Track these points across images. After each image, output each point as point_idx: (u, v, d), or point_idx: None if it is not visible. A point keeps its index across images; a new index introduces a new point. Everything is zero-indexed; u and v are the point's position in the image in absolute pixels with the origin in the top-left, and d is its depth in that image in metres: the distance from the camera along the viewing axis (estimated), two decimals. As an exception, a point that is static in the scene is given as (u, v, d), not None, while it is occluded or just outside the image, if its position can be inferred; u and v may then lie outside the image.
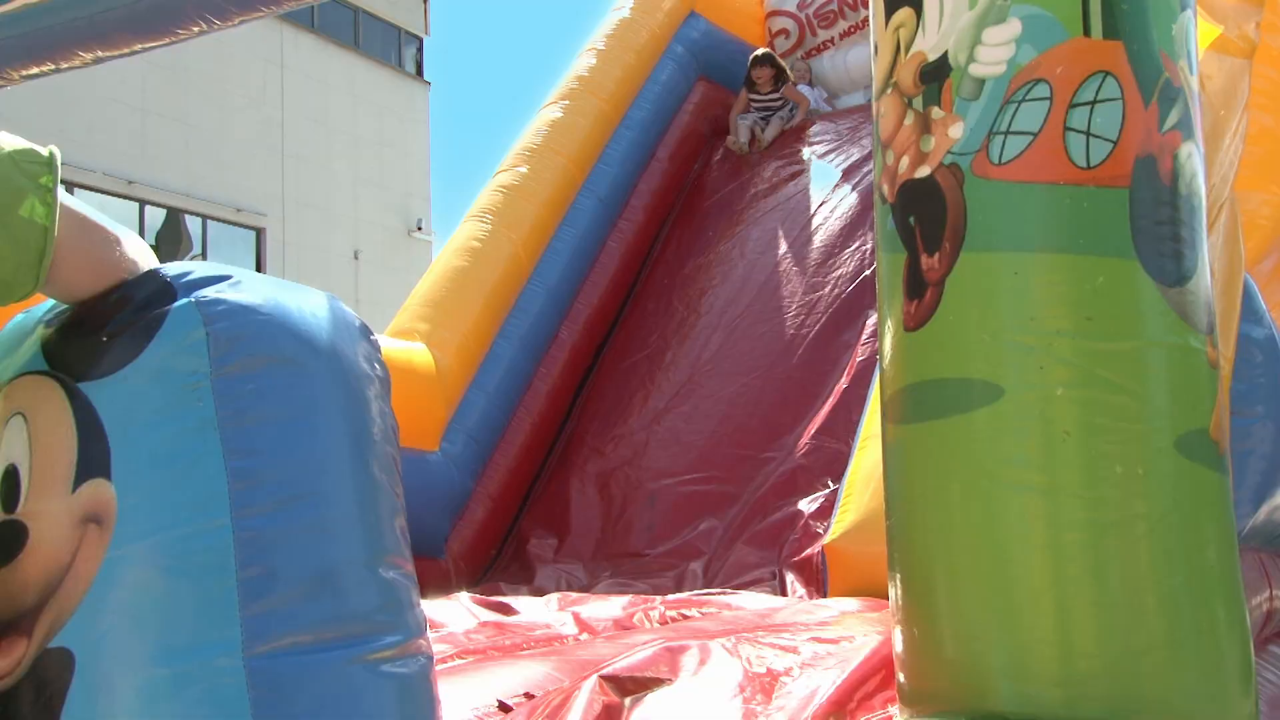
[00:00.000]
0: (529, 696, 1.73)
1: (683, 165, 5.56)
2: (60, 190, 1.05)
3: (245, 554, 1.03)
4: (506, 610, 2.69)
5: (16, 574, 1.04)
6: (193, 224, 14.34)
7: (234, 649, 1.02)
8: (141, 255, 1.14)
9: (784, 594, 3.31)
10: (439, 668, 1.27)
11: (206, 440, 1.04)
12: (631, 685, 1.66)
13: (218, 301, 1.08)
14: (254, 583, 1.03)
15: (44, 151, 1.05)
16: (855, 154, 5.24)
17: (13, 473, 1.08)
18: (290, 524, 1.06)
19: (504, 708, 1.69)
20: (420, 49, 18.08)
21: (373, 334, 1.22)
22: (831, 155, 5.31)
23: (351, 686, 1.07)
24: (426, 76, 18.10)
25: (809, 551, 3.39)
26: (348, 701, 1.06)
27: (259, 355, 1.08)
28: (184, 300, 1.08)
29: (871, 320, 4.28)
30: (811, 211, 5.06)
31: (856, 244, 4.73)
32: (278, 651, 1.03)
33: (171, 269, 1.12)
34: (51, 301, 1.17)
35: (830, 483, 3.65)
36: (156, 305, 1.08)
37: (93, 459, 1.04)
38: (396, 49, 17.57)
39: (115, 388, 1.06)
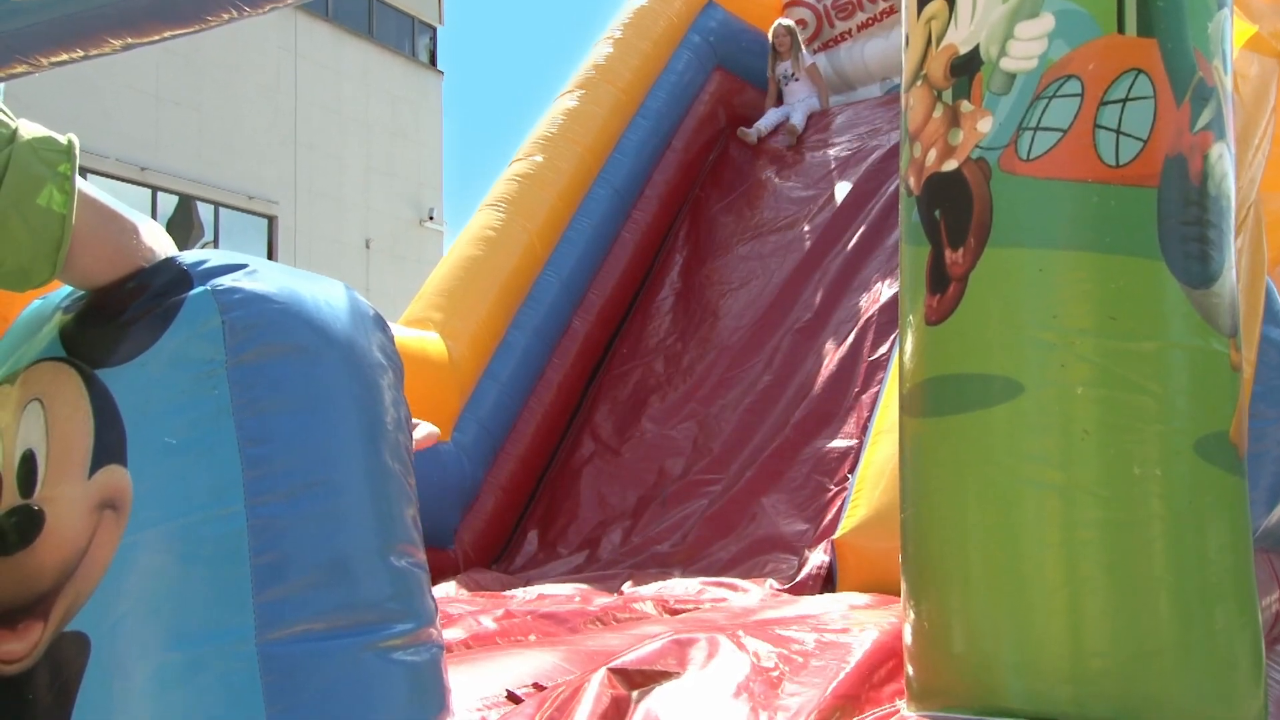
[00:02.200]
0: (538, 687, 1.74)
1: (698, 156, 5.54)
2: (78, 178, 1.05)
3: (259, 541, 1.04)
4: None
5: (33, 558, 1.05)
6: (205, 211, 14.38)
7: (247, 635, 1.02)
8: (159, 243, 1.14)
9: (794, 588, 3.30)
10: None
11: (221, 428, 1.04)
12: (640, 678, 1.66)
13: (233, 290, 1.08)
14: (267, 570, 1.04)
15: (63, 140, 1.05)
16: (872, 146, 5.20)
17: (30, 458, 1.08)
18: (303, 512, 1.07)
19: (513, 698, 1.70)
20: (434, 38, 18.07)
21: (387, 324, 1.22)
22: (849, 147, 5.28)
23: (363, 674, 1.07)
24: (440, 66, 18.10)
25: (821, 547, 3.38)
26: (359, 688, 1.07)
27: (274, 344, 1.08)
28: (200, 288, 1.08)
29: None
30: (827, 204, 5.04)
31: (878, 239, 4.70)
32: (290, 638, 1.04)
33: (187, 257, 1.12)
34: (68, 288, 1.17)
35: (845, 478, 3.65)
36: (172, 293, 1.08)
37: (109, 445, 1.05)
38: (410, 38, 17.56)
39: (131, 374, 1.06)
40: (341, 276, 1.22)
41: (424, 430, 1.33)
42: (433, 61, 18.04)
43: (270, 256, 14.10)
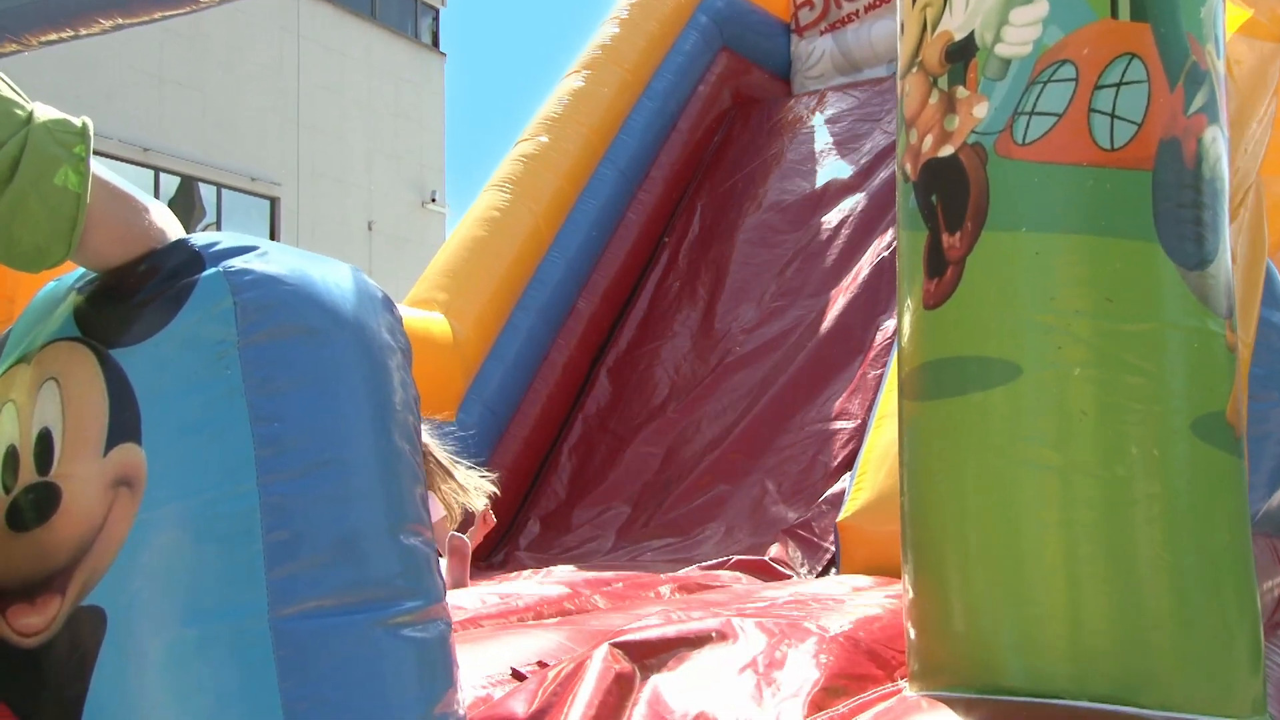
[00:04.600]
0: (543, 665, 1.76)
1: (704, 137, 5.53)
2: (93, 160, 1.07)
3: (271, 519, 1.05)
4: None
5: (50, 534, 1.07)
6: (207, 192, 14.37)
7: (260, 611, 1.04)
8: (169, 225, 1.15)
9: (797, 570, 3.33)
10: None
11: (234, 407, 1.06)
12: (643, 653, 1.67)
13: (245, 271, 1.09)
14: (279, 547, 1.05)
15: (77, 122, 1.07)
16: (878, 128, 5.19)
17: (46, 436, 1.10)
18: (314, 491, 1.08)
19: (517, 676, 1.72)
20: (436, 20, 17.99)
21: (395, 305, 1.24)
22: (855, 129, 5.27)
23: (373, 649, 1.09)
24: (442, 48, 18.02)
25: (822, 529, 3.41)
26: (369, 663, 1.08)
27: (285, 325, 1.09)
28: (212, 270, 1.09)
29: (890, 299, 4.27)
30: (834, 186, 5.02)
31: (882, 222, 4.70)
32: (302, 614, 1.05)
33: (199, 239, 1.14)
34: (81, 270, 1.19)
35: (848, 461, 3.66)
36: (185, 274, 1.09)
37: (124, 424, 1.06)
38: (413, 19, 17.48)
39: (146, 354, 1.08)
40: (344, 258, 1.24)
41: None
42: (435, 43, 17.96)
43: (272, 238, 14.05)
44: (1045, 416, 1.48)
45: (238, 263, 1.10)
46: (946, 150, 1.57)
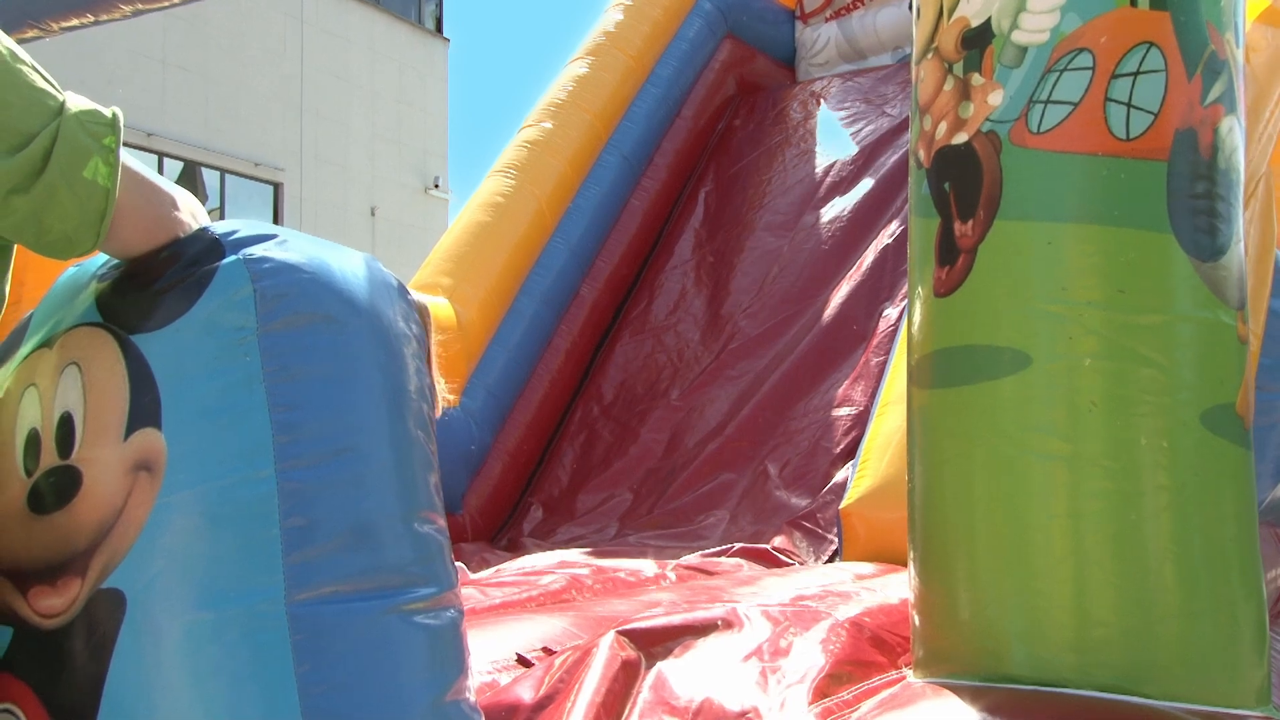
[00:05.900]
0: (548, 651, 1.77)
1: (708, 124, 5.52)
2: (122, 151, 1.07)
3: (288, 505, 1.06)
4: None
5: (71, 517, 1.08)
6: (210, 177, 14.34)
7: (277, 595, 1.05)
8: (196, 215, 1.16)
9: (800, 558, 3.34)
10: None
11: (253, 393, 1.07)
12: (649, 641, 1.69)
13: (264, 259, 1.10)
14: (296, 532, 1.06)
15: (107, 113, 1.08)
16: (883, 117, 5.17)
17: (68, 420, 1.11)
18: (331, 477, 1.09)
19: (523, 661, 1.73)
20: (440, 5, 17.90)
21: (409, 294, 1.24)
22: (860, 116, 5.25)
23: (386, 635, 1.10)
24: (446, 33, 17.94)
25: (826, 517, 3.42)
26: (382, 649, 1.10)
27: (303, 312, 1.10)
28: (232, 257, 1.10)
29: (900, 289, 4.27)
30: (837, 174, 5.02)
31: (886, 210, 4.69)
32: (317, 599, 1.06)
33: (219, 227, 1.15)
34: (104, 256, 1.20)
35: (850, 448, 3.67)
36: (205, 262, 1.10)
37: (144, 409, 1.07)
38: (416, 5, 17.40)
39: (166, 340, 1.08)
40: (346, 244, 1.25)
41: None
42: (439, 29, 17.88)
43: (276, 223, 14.02)
44: (1055, 407, 1.48)
45: (257, 250, 1.11)
46: (960, 138, 1.56)
